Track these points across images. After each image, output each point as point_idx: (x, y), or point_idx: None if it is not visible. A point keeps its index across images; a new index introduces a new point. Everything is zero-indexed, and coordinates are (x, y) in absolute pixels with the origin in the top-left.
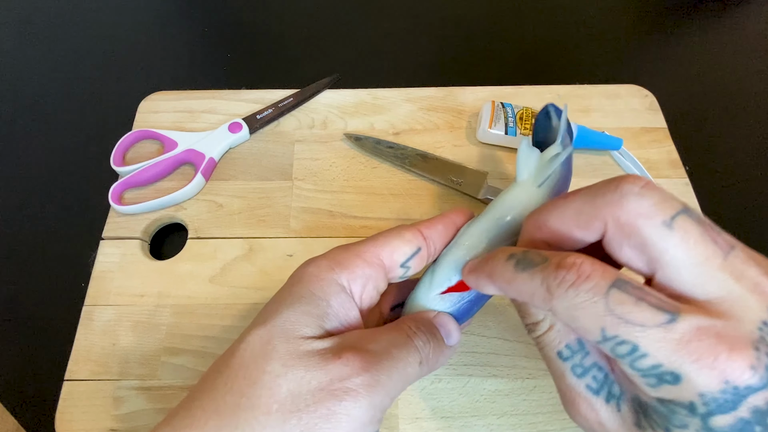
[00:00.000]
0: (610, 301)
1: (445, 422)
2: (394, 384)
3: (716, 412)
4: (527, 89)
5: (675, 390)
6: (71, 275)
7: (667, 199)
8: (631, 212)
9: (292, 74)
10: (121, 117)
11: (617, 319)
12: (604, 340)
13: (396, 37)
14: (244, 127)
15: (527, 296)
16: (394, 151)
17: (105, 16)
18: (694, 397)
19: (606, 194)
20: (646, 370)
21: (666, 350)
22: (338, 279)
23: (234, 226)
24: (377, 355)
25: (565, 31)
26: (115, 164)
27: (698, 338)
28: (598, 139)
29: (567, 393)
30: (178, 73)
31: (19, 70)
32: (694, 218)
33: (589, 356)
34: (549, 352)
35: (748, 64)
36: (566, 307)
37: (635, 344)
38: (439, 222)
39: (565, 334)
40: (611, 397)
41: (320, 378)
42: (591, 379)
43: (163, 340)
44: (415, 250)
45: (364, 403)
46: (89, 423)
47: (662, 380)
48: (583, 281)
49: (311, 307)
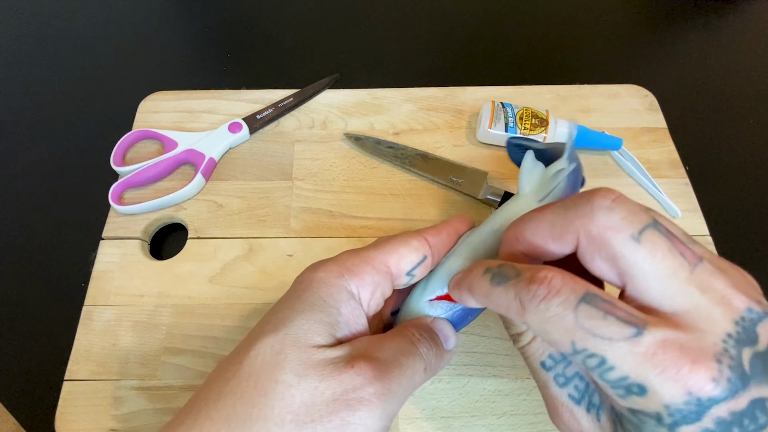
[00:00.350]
0: (579, 315)
1: (445, 422)
2: (403, 391)
3: (681, 423)
4: (527, 89)
5: (642, 401)
6: (71, 275)
7: (636, 213)
8: (600, 225)
9: (292, 74)
10: (121, 117)
11: (585, 333)
12: (574, 352)
13: (396, 37)
14: (244, 127)
15: (503, 310)
16: (394, 151)
17: (105, 15)
18: (660, 408)
19: (578, 207)
20: (615, 382)
21: (632, 363)
22: (348, 286)
23: (234, 226)
24: (387, 363)
25: (565, 31)
26: (115, 164)
27: (663, 351)
28: (598, 139)
29: (550, 402)
30: (178, 73)
31: (18, 70)
32: (662, 231)
33: (571, 366)
34: (533, 363)
35: (748, 64)
36: (538, 320)
37: (603, 357)
38: (444, 230)
39: (547, 345)
40: (592, 407)
41: (334, 388)
42: (573, 388)
43: (163, 340)
44: (421, 258)
45: (378, 413)
46: (89, 423)
47: (630, 392)
48: (553, 295)
49: (323, 315)
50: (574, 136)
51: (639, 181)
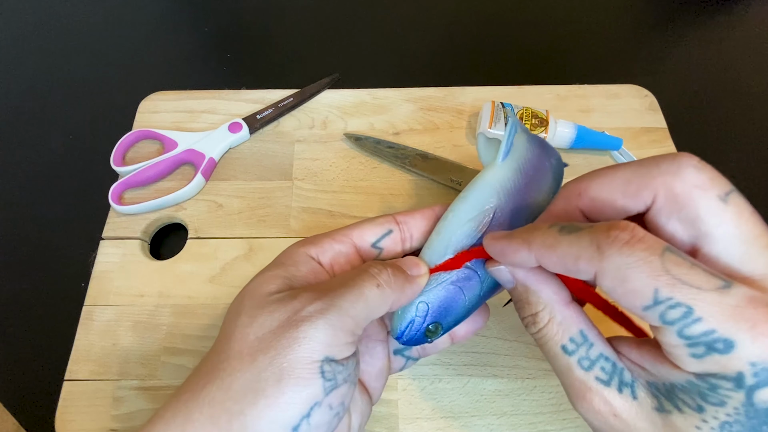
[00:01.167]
0: (665, 260)
1: (445, 422)
2: (352, 305)
3: (764, 384)
4: (527, 89)
5: (723, 360)
6: (71, 275)
7: (722, 177)
8: (687, 183)
9: (292, 74)
10: (121, 117)
11: (673, 279)
12: (655, 303)
13: (396, 37)
14: (244, 127)
15: (571, 258)
16: (394, 151)
17: (105, 16)
18: (743, 367)
19: (662, 165)
20: (697, 337)
21: (721, 315)
22: (307, 251)
23: (234, 226)
24: (332, 286)
25: (565, 31)
26: (115, 164)
27: (753, 306)
28: (598, 139)
29: (576, 388)
30: (178, 73)
31: (18, 70)
32: (744, 198)
33: (594, 347)
34: (552, 347)
35: (748, 64)
36: (618, 266)
37: (690, 307)
38: (417, 211)
39: (567, 327)
40: (624, 386)
41: (280, 316)
42: (599, 370)
43: (163, 340)
44: (385, 231)
45: (321, 324)
46: (89, 423)
47: (712, 349)
48: (637, 241)
49: (280, 270)
50: (514, 112)
51: None
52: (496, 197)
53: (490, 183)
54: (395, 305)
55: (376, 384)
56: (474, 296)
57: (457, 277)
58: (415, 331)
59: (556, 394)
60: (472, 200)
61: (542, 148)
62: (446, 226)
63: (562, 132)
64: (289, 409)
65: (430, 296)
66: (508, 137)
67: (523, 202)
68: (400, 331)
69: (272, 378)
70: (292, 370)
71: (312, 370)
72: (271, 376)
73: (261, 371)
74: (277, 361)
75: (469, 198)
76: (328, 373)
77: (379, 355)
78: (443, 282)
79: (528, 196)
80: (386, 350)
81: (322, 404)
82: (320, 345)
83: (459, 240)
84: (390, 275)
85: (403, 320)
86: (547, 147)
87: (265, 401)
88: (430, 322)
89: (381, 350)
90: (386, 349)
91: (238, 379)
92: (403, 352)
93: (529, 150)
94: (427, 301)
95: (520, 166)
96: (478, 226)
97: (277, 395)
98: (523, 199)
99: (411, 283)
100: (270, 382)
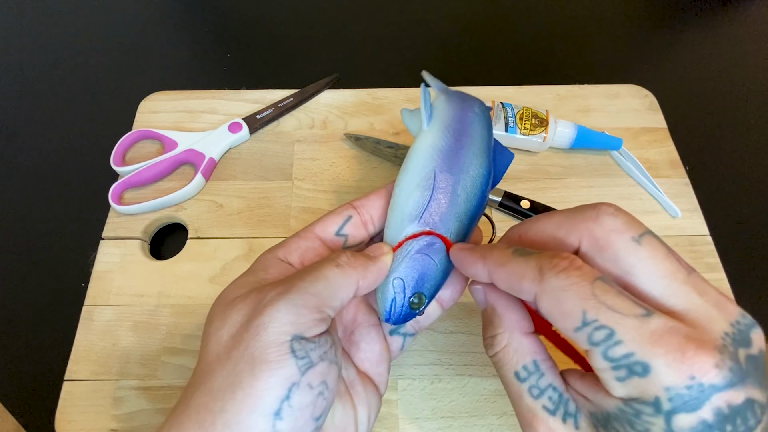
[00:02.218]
0: (595, 287)
1: (445, 422)
2: (311, 284)
3: (680, 410)
4: (527, 89)
5: (642, 384)
6: (71, 275)
7: (636, 221)
8: (605, 228)
9: (292, 74)
10: (121, 117)
11: (599, 303)
12: (583, 324)
13: (396, 37)
14: (244, 127)
15: (516, 277)
16: (394, 151)
17: (105, 16)
18: (659, 392)
19: (585, 212)
20: (618, 359)
21: (639, 340)
22: (276, 255)
23: (234, 226)
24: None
25: (565, 31)
26: (115, 164)
27: (669, 335)
28: (598, 139)
29: (525, 415)
30: (178, 73)
31: (18, 70)
32: (659, 239)
33: (545, 377)
34: (507, 373)
35: (748, 64)
36: (553, 287)
37: (612, 330)
38: (372, 193)
39: (522, 354)
40: (568, 416)
41: (245, 310)
42: (547, 399)
43: (163, 340)
44: (345, 218)
45: (282, 305)
46: (89, 423)
47: (632, 372)
48: (574, 269)
49: (249, 277)
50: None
51: (639, 181)
52: (432, 160)
53: (422, 148)
54: (363, 285)
55: (379, 370)
56: (443, 258)
57: (419, 245)
58: (400, 308)
59: None
60: (411, 169)
61: (462, 101)
62: (396, 201)
63: (562, 132)
64: (266, 395)
65: (401, 270)
66: (425, 102)
67: (458, 157)
68: (386, 311)
69: (246, 369)
70: (263, 356)
71: (282, 351)
72: (245, 368)
73: (236, 365)
74: (249, 351)
75: (408, 168)
76: (299, 351)
77: (375, 339)
78: (408, 253)
79: (460, 149)
80: (381, 333)
81: (300, 384)
82: (286, 325)
83: (412, 210)
84: (349, 256)
85: (385, 301)
86: (467, 99)
87: (242, 392)
88: (411, 295)
89: (375, 334)
90: (380, 333)
91: (218, 378)
92: (398, 330)
93: (449, 108)
94: (401, 276)
95: (445, 124)
96: (423, 192)
97: (252, 384)
98: (459, 153)
99: (374, 261)
100: (245, 373)
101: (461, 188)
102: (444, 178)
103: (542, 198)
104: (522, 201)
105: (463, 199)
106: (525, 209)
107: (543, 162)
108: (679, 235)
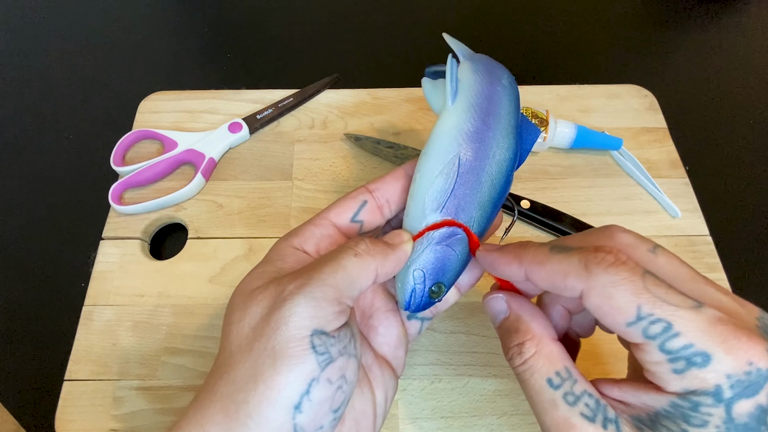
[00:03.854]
0: (647, 281)
1: (445, 422)
2: (330, 275)
3: (741, 396)
4: (527, 89)
5: (701, 374)
6: (71, 275)
7: (645, 237)
8: (621, 244)
9: (292, 74)
10: (121, 117)
11: (654, 297)
12: (638, 319)
13: (396, 37)
14: (244, 127)
15: (560, 275)
16: (394, 151)
17: (105, 16)
18: (721, 380)
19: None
20: (677, 351)
21: (697, 331)
22: (291, 243)
23: (234, 226)
24: (312, 265)
25: (566, 31)
26: (115, 164)
27: (722, 323)
28: (598, 139)
29: (559, 424)
30: (178, 73)
31: (19, 70)
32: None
33: (578, 383)
34: (537, 380)
35: (748, 64)
36: (603, 284)
37: (669, 323)
38: (387, 175)
39: (553, 360)
40: (608, 422)
41: (267, 303)
42: (584, 406)
43: (163, 340)
44: (360, 203)
45: (301, 299)
46: (89, 423)
47: (691, 363)
48: (621, 263)
49: (266, 267)
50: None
51: (639, 181)
52: (456, 144)
53: (446, 131)
54: (382, 273)
55: (397, 353)
56: (464, 249)
57: (441, 235)
58: (420, 298)
59: None
60: (434, 154)
61: (489, 73)
62: (417, 188)
63: (562, 132)
64: (286, 389)
65: (422, 261)
66: (451, 76)
67: (487, 139)
68: (406, 301)
69: (268, 361)
70: (284, 350)
71: (303, 346)
72: (266, 360)
73: (257, 357)
74: (270, 344)
75: (430, 153)
76: (319, 346)
77: (393, 323)
78: (429, 244)
79: (489, 132)
80: (398, 317)
81: (320, 379)
82: (306, 319)
83: (433, 198)
84: (368, 244)
85: (405, 291)
86: (494, 68)
87: (264, 385)
88: (431, 285)
89: (393, 318)
90: (398, 317)
91: (240, 370)
92: (416, 315)
93: (476, 82)
94: (421, 267)
95: (471, 102)
96: (446, 179)
97: (273, 377)
98: (486, 136)
99: (393, 249)
100: (266, 366)
101: (486, 175)
102: (468, 164)
103: (542, 198)
104: (522, 201)
105: (488, 186)
106: (525, 209)
107: (543, 162)
108: (679, 235)
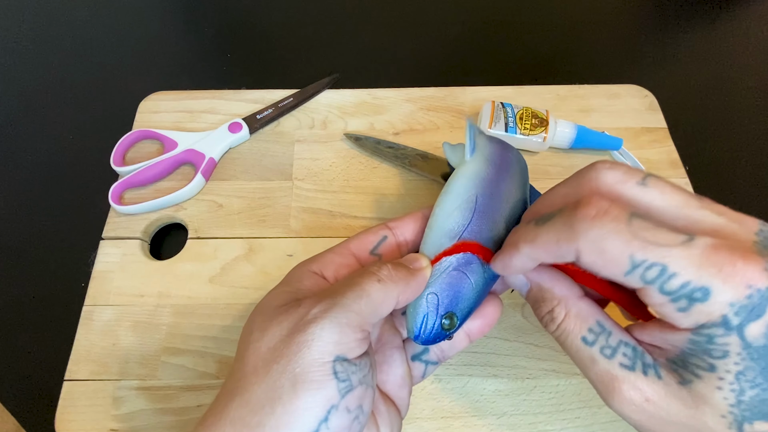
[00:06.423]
0: (633, 226)
1: (445, 422)
2: (354, 301)
3: (750, 319)
4: (527, 89)
5: (706, 308)
6: (71, 275)
7: (634, 169)
8: (609, 182)
9: (292, 74)
10: (121, 117)
11: (644, 242)
12: (633, 267)
13: (396, 37)
14: (244, 127)
15: (553, 245)
16: (394, 151)
17: (105, 16)
18: (725, 309)
19: (584, 175)
20: (676, 291)
21: (691, 267)
22: (310, 268)
23: (234, 226)
24: (334, 288)
25: (565, 31)
26: (115, 164)
27: (715, 252)
28: (598, 139)
29: (604, 380)
30: (178, 73)
31: (18, 70)
32: (662, 179)
33: (613, 335)
34: (573, 341)
35: (748, 65)
36: (593, 240)
37: (664, 265)
38: (407, 215)
39: (584, 318)
40: (647, 368)
41: (288, 325)
42: (622, 356)
43: (163, 340)
44: (380, 238)
45: (326, 323)
46: (89, 423)
47: (692, 299)
48: (603, 214)
49: (286, 287)
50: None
51: None
52: (474, 186)
53: (466, 175)
54: (403, 299)
55: (401, 393)
56: (479, 279)
57: (458, 262)
58: (431, 326)
59: (556, 394)
60: (454, 192)
61: (502, 142)
62: (436, 220)
63: (562, 132)
64: (305, 415)
65: (436, 286)
66: (470, 135)
67: (499, 187)
68: (417, 328)
69: (287, 385)
70: (305, 374)
71: (324, 371)
72: (285, 383)
73: (275, 380)
74: (290, 368)
75: (450, 191)
76: (341, 373)
77: (398, 362)
78: (446, 270)
79: (501, 181)
80: (404, 357)
81: (339, 407)
82: (329, 345)
83: (450, 229)
84: (390, 270)
85: (416, 317)
86: (505, 143)
87: (282, 409)
88: (444, 313)
89: (398, 357)
90: (403, 356)
91: (255, 392)
92: (421, 356)
93: (491, 144)
94: (435, 292)
95: (487, 157)
96: (464, 213)
97: (293, 401)
98: (498, 184)
99: (414, 275)
100: (285, 389)
101: (500, 214)
102: (485, 203)
103: None
104: None
105: (502, 224)
106: None
107: (543, 162)
108: None
